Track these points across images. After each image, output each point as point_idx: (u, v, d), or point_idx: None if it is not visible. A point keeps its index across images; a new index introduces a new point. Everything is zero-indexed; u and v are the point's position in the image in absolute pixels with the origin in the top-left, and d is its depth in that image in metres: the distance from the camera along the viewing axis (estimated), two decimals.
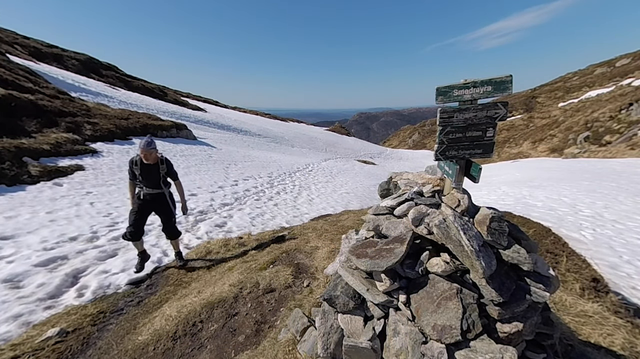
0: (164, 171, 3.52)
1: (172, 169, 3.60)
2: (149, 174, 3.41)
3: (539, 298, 1.42)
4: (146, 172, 3.38)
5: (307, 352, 1.88)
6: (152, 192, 3.47)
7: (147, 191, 3.45)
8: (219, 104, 40.67)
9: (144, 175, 3.37)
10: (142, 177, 3.37)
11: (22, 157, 6.15)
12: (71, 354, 2.23)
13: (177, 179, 3.67)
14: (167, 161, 3.54)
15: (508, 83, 1.38)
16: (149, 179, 3.43)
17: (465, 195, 1.59)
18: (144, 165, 3.35)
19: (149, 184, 3.45)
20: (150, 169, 3.40)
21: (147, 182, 3.45)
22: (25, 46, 21.87)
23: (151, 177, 3.43)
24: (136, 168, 3.35)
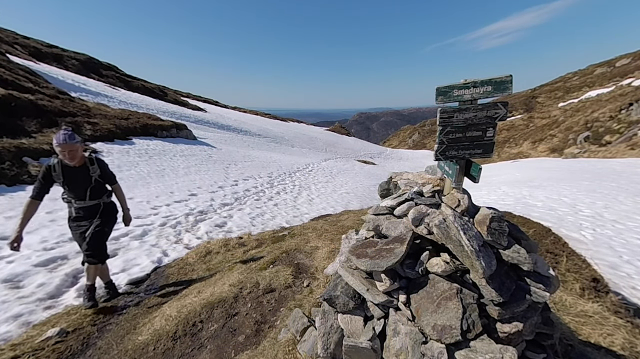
0: (96, 175, 2.68)
1: (108, 170, 2.82)
2: (76, 181, 2.59)
3: (539, 298, 1.42)
4: (72, 179, 2.56)
5: (307, 352, 1.88)
6: (85, 206, 2.66)
7: (79, 204, 2.63)
8: (219, 104, 40.69)
9: (69, 183, 2.55)
10: (68, 187, 2.57)
11: (22, 157, 6.15)
12: (71, 354, 2.23)
13: (115, 182, 2.91)
14: (99, 160, 2.73)
15: (508, 83, 1.38)
16: (76, 188, 2.60)
17: (465, 195, 1.59)
18: (67, 169, 2.52)
19: (78, 195, 2.62)
20: (76, 174, 2.57)
21: (76, 193, 2.60)
22: (25, 46, 21.87)
23: (79, 185, 2.61)
24: (56, 175, 2.49)
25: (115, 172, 2.89)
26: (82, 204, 2.67)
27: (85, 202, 2.68)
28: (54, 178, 2.53)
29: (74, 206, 2.66)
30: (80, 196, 2.66)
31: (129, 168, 7.80)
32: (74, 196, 2.65)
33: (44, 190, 2.55)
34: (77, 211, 2.68)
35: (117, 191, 2.97)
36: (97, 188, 2.74)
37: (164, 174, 8.12)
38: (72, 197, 2.65)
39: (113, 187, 2.93)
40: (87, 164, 2.66)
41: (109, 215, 2.86)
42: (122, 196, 3.00)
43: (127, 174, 7.38)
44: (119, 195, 2.99)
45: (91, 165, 2.69)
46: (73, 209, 2.67)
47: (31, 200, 2.50)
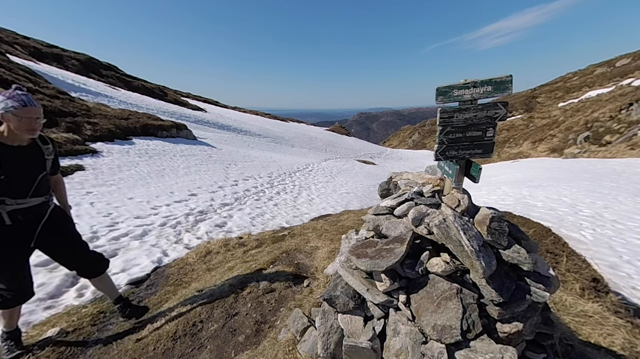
0: (51, 158, 1.99)
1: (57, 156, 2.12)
2: (21, 168, 1.80)
3: (539, 298, 1.42)
4: (14, 165, 1.76)
5: (307, 352, 1.88)
6: (26, 207, 1.84)
7: (20, 204, 1.81)
8: (219, 104, 40.69)
9: (9, 171, 1.73)
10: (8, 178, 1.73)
11: None
12: (71, 354, 2.23)
13: (59, 170, 2.17)
14: (52, 139, 2.05)
15: (508, 83, 1.38)
16: (19, 178, 1.80)
17: (465, 195, 1.59)
18: (7, 150, 1.74)
19: (19, 190, 1.80)
20: (22, 157, 1.81)
21: (16, 187, 1.79)
22: (25, 46, 21.88)
23: (24, 173, 1.83)
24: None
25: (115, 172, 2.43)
26: (23, 204, 1.82)
27: (28, 200, 1.84)
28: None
29: (9, 208, 1.77)
30: (22, 191, 1.81)
31: (129, 168, 7.79)
32: (11, 193, 1.77)
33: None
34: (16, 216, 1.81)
35: (59, 184, 2.19)
36: (45, 180, 1.97)
37: (164, 174, 8.12)
38: (6, 194, 1.76)
39: (54, 178, 2.13)
40: (38, 143, 1.91)
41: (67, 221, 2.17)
42: (64, 192, 2.24)
43: (127, 174, 7.38)
44: (61, 190, 2.22)
45: (44, 144, 1.95)
46: (5, 215, 1.76)
47: None
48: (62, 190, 2.24)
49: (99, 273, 2.31)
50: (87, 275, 2.28)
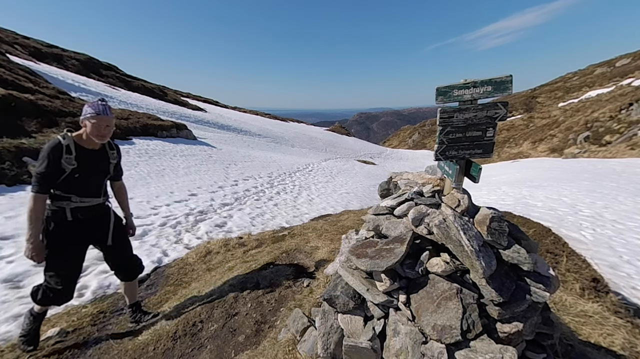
0: (114, 163, 2.19)
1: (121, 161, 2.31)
2: (92, 170, 2.01)
3: (539, 298, 1.42)
4: (87, 167, 1.96)
5: (307, 352, 1.88)
6: (88, 206, 2.03)
7: (81, 203, 1.98)
8: (219, 104, 40.69)
9: (83, 172, 1.94)
10: (79, 177, 1.93)
11: (22, 157, 6.15)
12: (71, 354, 2.23)
13: (121, 178, 2.37)
14: (118, 146, 2.23)
15: (508, 83, 1.38)
16: (89, 179, 2.01)
17: (465, 195, 1.59)
18: (84, 152, 1.94)
19: (87, 190, 2.02)
20: (94, 160, 2.02)
21: (85, 186, 2.00)
22: (25, 46, 21.87)
23: (94, 175, 2.05)
24: (68, 159, 1.86)
25: None
26: (86, 203, 2.01)
27: (92, 199, 2.04)
28: (65, 163, 1.85)
29: (72, 205, 1.95)
30: (89, 190, 2.03)
31: (129, 168, 7.79)
32: (79, 191, 1.97)
33: (53, 180, 1.86)
34: (76, 214, 1.97)
35: (121, 189, 2.38)
36: (106, 183, 2.22)
37: (164, 174, 8.12)
38: (73, 192, 1.95)
39: (118, 184, 2.35)
40: (107, 148, 2.12)
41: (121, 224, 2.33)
42: (126, 197, 2.42)
43: (127, 174, 7.34)
44: (123, 195, 2.40)
45: (110, 150, 2.15)
46: (69, 210, 1.94)
47: (37, 195, 1.83)
48: (124, 196, 2.43)
49: (134, 277, 2.47)
50: (124, 277, 2.40)
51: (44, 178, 1.84)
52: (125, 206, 2.43)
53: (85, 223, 2.06)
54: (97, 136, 1.95)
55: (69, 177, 1.90)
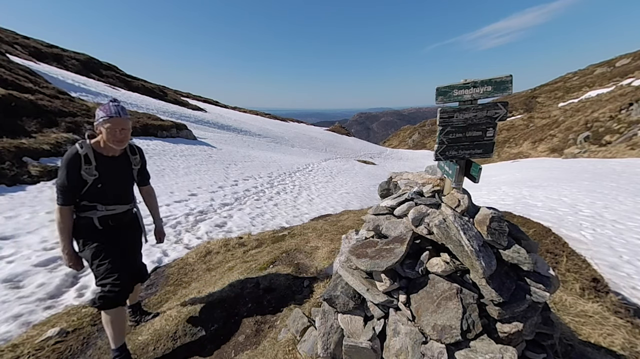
0: (138, 168, 2.12)
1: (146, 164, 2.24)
2: (114, 177, 1.94)
3: (539, 298, 1.42)
4: (109, 174, 1.89)
5: (307, 352, 1.88)
6: (115, 214, 1.98)
7: (107, 211, 1.94)
8: (219, 104, 40.69)
9: (105, 180, 1.87)
10: (103, 186, 1.87)
11: (22, 157, 6.15)
12: (71, 354, 2.23)
13: (149, 182, 2.32)
14: (140, 149, 2.14)
15: (508, 83, 1.38)
16: (112, 186, 1.94)
17: (465, 195, 1.59)
18: (103, 160, 1.86)
19: (112, 197, 1.95)
20: (115, 167, 1.94)
21: (109, 194, 1.94)
22: (25, 46, 21.86)
23: (117, 182, 1.98)
24: (88, 169, 1.79)
25: None
26: (114, 211, 1.96)
27: (118, 207, 1.99)
28: (85, 174, 1.78)
29: (99, 214, 1.90)
30: (114, 198, 1.97)
31: None
32: (104, 199, 1.91)
33: (75, 191, 1.81)
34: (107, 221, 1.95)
35: (149, 194, 2.31)
36: (132, 188, 2.14)
37: (164, 174, 8.12)
38: (98, 201, 1.89)
39: (145, 189, 2.29)
40: (128, 153, 2.03)
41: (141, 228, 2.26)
42: (155, 202, 2.35)
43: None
44: (152, 200, 2.33)
45: (132, 154, 2.05)
46: (96, 219, 1.90)
47: (61, 208, 1.80)
48: (153, 202, 2.37)
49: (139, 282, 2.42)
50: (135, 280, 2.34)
51: (65, 190, 1.79)
52: (155, 211, 2.37)
53: (115, 229, 2.03)
54: (114, 142, 1.83)
55: (92, 187, 1.84)
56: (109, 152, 1.91)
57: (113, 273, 1.87)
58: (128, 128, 1.88)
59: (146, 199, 2.34)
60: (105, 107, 1.80)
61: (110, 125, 1.79)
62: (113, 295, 1.86)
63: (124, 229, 2.09)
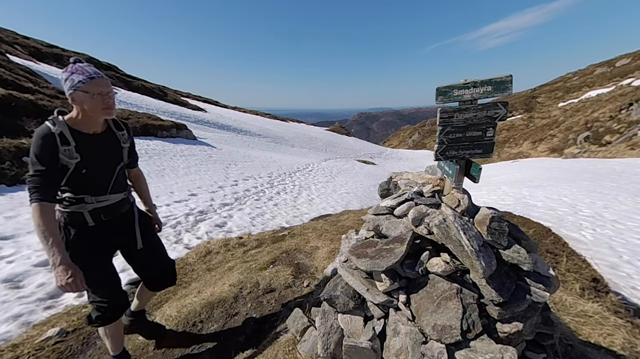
0: (127, 146, 1.73)
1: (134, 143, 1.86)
2: (102, 161, 1.58)
3: (539, 298, 1.42)
4: (93, 156, 1.52)
5: (307, 352, 1.88)
6: (107, 205, 1.63)
7: (98, 203, 1.58)
8: (219, 104, 40.68)
9: (89, 164, 1.50)
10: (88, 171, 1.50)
11: (22, 157, 6.15)
12: (71, 354, 2.22)
13: (137, 164, 1.95)
14: (126, 124, 1.76)
15: (508, 83, 1.38)
16: (100, 171, 1.57)
17: (465, 195, 1.59)
18: (86, 139, 1.50)
19: (99, 188, 1.59)
20: (100, 147, 1.57)
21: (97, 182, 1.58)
22: (25, 46, 21.87)
23: (107, 165, 1.61)
24: (67, 151, 1.42)
25: None
26: (104, 202, 1.60)
27: (108, 197, 1.62)
28: (64, 157, 1.41)
29: (90, 207, 1.56)
30: (101, 186, 1.59)
31: None
32: (92, 189, 1.55)
33: (54, 182, 1.42)
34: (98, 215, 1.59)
35: (139, 178, 2.00)
36: (123, 172, 1.75)
37: (164, 174, 8.12)
38: (86, 191, 1.54)
39: (134, 171, 1.95)
40: (113, 128, 1.65)
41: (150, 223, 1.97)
42: (146, 186, 2.04)
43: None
44: (142, 185, 2.01)
45: (119, 130, 1.67)
46: (87, 215, 1.56)
47: (39, 205, 1.36)
48: (143, 186, 2.02)
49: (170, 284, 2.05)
50: (156, 285, 1.99)
51: (42, 182, 1.37)
52: (146, 196, 2.05)
53: (110, 225, 1.67)
54: (103, 110, 1.46)
55: (74, 174, 1.47)
56: (90, 128, 1.52)
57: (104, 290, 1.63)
58: (113, 92, 1.53)
59: (135, 184, 1.99)
60: (77, 68, 1.40)
61: (95, 88, 1.41)
62: (106, 315, 1.65)
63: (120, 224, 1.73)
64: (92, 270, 1.55)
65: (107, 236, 1.68)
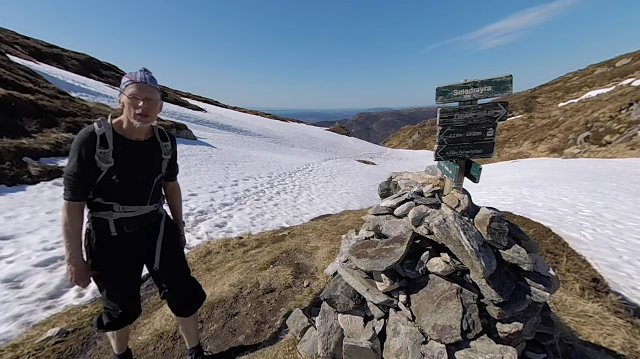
0: (169, 158, 1.67)
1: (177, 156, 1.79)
2: (137, 170, 1.53)
3: (539, 298, 1.42)
4: (130, 164, 1.49)
5: (307, 352, 1.88)
6: (134, 216, 1.56)
7: (125, 213, 1.53)
8: (219, 104, 40.68)
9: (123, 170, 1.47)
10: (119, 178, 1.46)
11: (22, 157, 6.15)
12: (71, 354, 2.23)
13: (176, 177, 1.88)
14: (172, 137, 1.72)
15: (508, 83, 1.38)
16: (133, 180, 1.53)
17: (465, 195, 1.59)
18: (123, 144, 1.47)
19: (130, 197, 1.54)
20: (138, 155, 1.53)
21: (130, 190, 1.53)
22: (25, 46, 21.86)
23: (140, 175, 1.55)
24: (103, 154, 1.40)
25: None
26: (131, 213, 1.54)
27: (138, 208, 1.57)
28: (98, 160, 1.39)
29: (116, 216, 1.51)
30: (135, 196, 1.55)
31: None
32: (120, 197, 1.51)
33: (87, 182, 1.43)
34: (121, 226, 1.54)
35: (175, 192, 1.92)
36: (159, 184, 1.68)
37: None
38: (115, 199, 1.50)
39: (171, 185, 1.88)
40: (157, 138, 1.61)
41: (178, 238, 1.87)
42: (180, 202, 1.96)
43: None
44: (176, 200, 1.93)
45: (163, 141, 1.63)
46: (112, 223, 1.51)
47: (69, 204, 1.42)
48: (177, 201, 1.92)
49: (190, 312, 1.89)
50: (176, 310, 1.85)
51: (75, 181, 1.40)
52: (178, 213, 1.94)
53: (132, 237, 1.60)
54: (135, 116, 1.41)
55: (105, 179, 1.44)
56: (133, 134, 1.50)
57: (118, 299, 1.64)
58: (155, 100, 1.46)
59: (171, 198, 1.92)
60: (131, 73, 1.44)
61: (133, 91, 1.39)
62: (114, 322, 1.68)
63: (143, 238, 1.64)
64: (108, 279, 1.59)
65: (128, 248, 1.61)
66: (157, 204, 1.70)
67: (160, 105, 1.54)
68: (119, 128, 1.49)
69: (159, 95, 1.50)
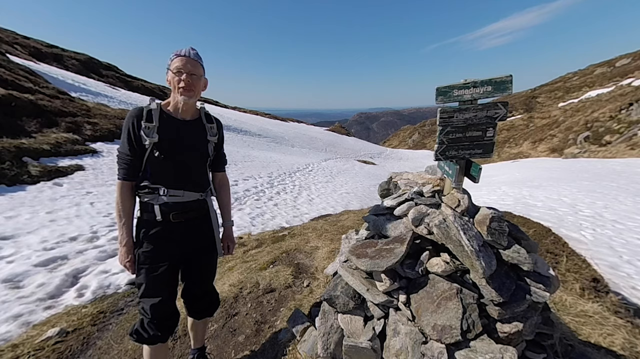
0: (214, 141, 1.62)
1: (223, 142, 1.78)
2: (181, 148, 1.47)
3: (539, 298, 1.42)
4: (175, 141, 1.45)
5: (307, 352, 1.88)
6: (181, 202, 1.49)
7: (170, 197, 1.45)
8: (218, 104, 40.67)
9: (169, 149, 1.42)
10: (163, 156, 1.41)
11: (22, 157, 6.15)
12: (71, 354, 2.23)
13: (224, 168, 1.84)
14: (218, 120, 1.69)
15: (508, 83, 1.38)
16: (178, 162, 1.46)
17: (465, 195, 1.59)
18: (172, 123, 1.46)
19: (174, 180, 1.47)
20: (186, 134, 1.49)
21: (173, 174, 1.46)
22: (25, 46, 21.88)
23: (186, 157, 1.49)
24: (149, 128, 1.38)
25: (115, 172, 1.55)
26: (178, 198, 1.47)
27: (184, 194, 1.49)
28: (143, 135, 1.38)
29: (162, 200, 1.44)
30: (180, 178, 1.48)
31: None
32: (165, 179, 1.45)
33: (135, 160, 1.42)
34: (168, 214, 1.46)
35: (223, 185, 1.82)
36: (206, 171, 1.64)
37: None
38: (160, 181, 1.44)
39: (219, 176, 1.79)
40: (203, 120, 1.58)
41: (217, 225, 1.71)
42: (228, 197, 1.84)
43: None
44: (225, 194, 1.81)
45: (209, 123, 1.59)
46: (157, 208, 1.44)
47: (121, 183, 1.44)
48: (225, 196, 1.80)
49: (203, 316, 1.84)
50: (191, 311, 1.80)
51: (126, 158, 1.42)
52: (226, 208, 1.81)
53: (178, 228, 1.50)
54: (178, 89, 1.41)
55: (150, 157, 1.40)
56: (178, 112, 1.49)
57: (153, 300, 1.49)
58: (198, 75, 1.45)
59: (218, 191, 1.78)
60: (179, 49, 1.45)
61: (177, 65, 1.39)
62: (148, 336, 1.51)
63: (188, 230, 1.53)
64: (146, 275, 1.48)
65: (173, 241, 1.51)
66: (203, 193, 1.60)
67: (205, 82, 1.55)
68: (165, 106, 1.51)
69: (202, 71, 1.50)
